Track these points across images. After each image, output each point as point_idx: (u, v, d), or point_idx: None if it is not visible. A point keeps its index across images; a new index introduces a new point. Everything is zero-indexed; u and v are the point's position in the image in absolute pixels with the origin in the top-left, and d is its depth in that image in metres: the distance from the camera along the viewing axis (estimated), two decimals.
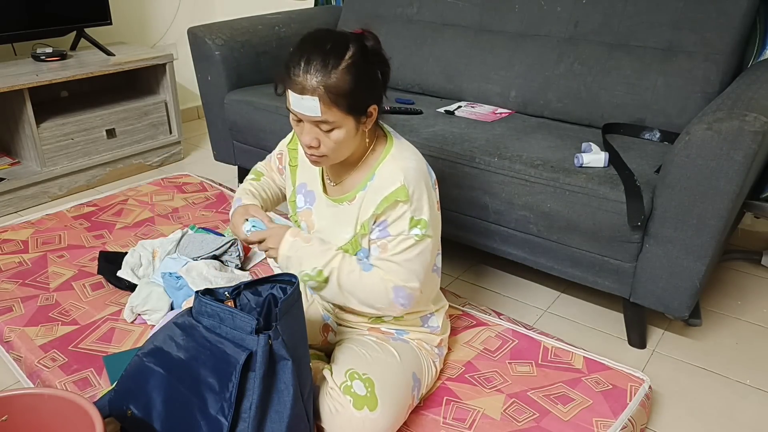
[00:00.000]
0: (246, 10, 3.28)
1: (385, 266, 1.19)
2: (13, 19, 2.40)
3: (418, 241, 1.18)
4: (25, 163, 2.47)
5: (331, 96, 1.07)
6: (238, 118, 2.24)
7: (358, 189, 1.22)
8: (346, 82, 1.08)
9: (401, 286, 1.19)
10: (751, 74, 1.62)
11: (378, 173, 1.19)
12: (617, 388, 1.39)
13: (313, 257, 1.19)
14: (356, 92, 1.09)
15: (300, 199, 1.34)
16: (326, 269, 1.19)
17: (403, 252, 1.18)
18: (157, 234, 2.05)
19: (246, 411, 1.05)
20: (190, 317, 1.15)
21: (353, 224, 1.23)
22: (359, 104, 1.11)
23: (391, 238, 1.18)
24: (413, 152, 1.23)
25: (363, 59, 1.10)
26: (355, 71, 1.09)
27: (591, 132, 1.87)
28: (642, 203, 1.43)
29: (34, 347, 1.50)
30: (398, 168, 1.17)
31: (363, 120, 1.14)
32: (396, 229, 1.17)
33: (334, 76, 1.07)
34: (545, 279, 1.94)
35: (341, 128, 1.11)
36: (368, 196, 1.19)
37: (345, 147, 1.15)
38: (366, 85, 1.11)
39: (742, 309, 1.81)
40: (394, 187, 1.16)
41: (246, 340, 1.07)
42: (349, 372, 1.20)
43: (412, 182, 1.16)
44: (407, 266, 1.19)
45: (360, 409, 1.15)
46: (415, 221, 1.17)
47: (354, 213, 1.22)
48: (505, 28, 2.13)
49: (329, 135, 1.12)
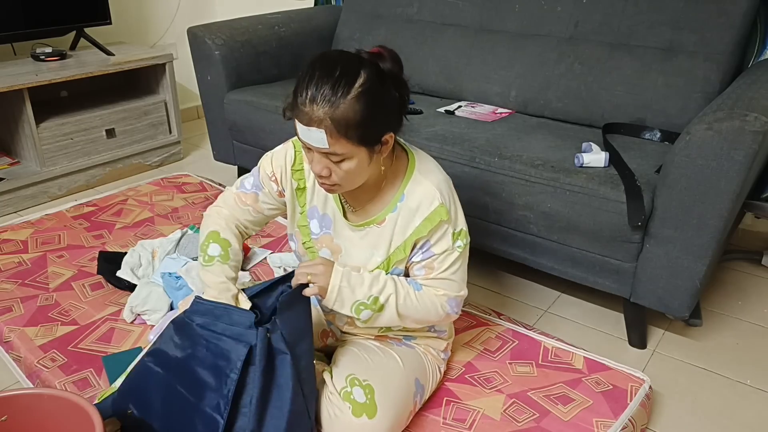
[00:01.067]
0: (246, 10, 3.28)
1: (436, 284, 1.19)
2: (12, 19, 2.40)
3: (462, 252, 1.19)
4: (24, 163, 2.47)
5: (340, 128, 0.99)
6: (238, 118, 2.24)
7: (387, 210, 1.17)
8: (357, 113, 0.99)
9: (454, 297, 1.20)
10: (752, 74, 1.62)
11: (408, 192, 1.15)
12: (617, 388, 1.39)
13: (365, 285, 1.13)
14: (368, 122, 1.01)
15: (314, 224, 1.25)
16: (382, 296, 1.14)
17: (451, 266, 1.18)
18: (156, 234, 2.05)
19: (246, 405, 1.05)
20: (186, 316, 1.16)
21: (385, 247, 1.18)
22: (372, 134, 1.04)
23: (436, 257, 1.17)
24: (434, 163, 1.20)
25: (376, 85, 1.01)
26: (366, 100, 1.00)
27: (591, 132, 1.87)
28: (642, 203, 1.43)
29: (33, 347, 1.50)
30: (431, 185, 1.14)
31: (377, 149, 1.07)
32: (441, 247, 1.16)
33: (343, 107, 0.98)
34: (545, 279, 1.94)
35: (352, 159, 1.04)
36: (402, 217, 1.16)
37: (358, 176, 1.08)
38: (380, 114, 1.03)
39: (742, 309, 1.81)
40: (434, 207, 1.13)
41: (245, 335, 1.07)
42: (350, 378, 1.19)
43: (447, 198, 1.15)
44: (456, 278, 1.19)
45: (359, 416, 1.14)
46: (456, 234, 1.17)
47: (386, 235, 1.17)
48: (505, 28, 2.13)
49: (340, 165, 1.05)
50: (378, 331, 1.31)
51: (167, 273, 1.63)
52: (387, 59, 1.06)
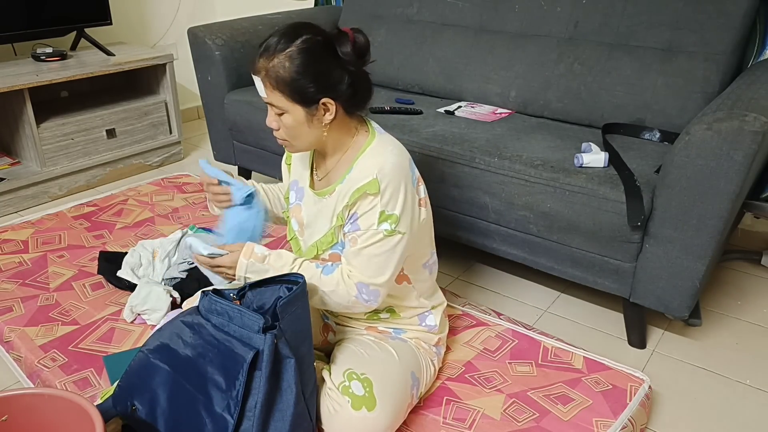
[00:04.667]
0: (246, 10, 3.28)
1: (354, 260, 1.18)
2: (13, 19, 2.40)
3: (387, 236, 1.16)
4: (25, 163, 2.47)
5: (271, 80, 1.11)
6: (238, 118, 2.24)
7: (337, 182, 1.22)
8: (287, 69, 1.09)
9: (365, 282, 1.18)
10: (751, 74, 1.62)
11: (356, 166, 1.20)
12: (617, 388, 1.39)
13: (269, 274, 1.20)
14: (298, 80, 1.10)
15: (292, 195, 1.36)
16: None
17: (371, 246, 1.17)
18: (157, 234, 2.06)
19: (251, 409, 1.05)
20: (199, 315, 1.16)
21: (330, 216, 1.24)
22: (303, 94, 1.11)
23: (360, 232, 1.17)
24: (396, 147, 1.21)
25: (316, 50, 1.11)
26: (300, 59, 1.09)
27: (591, 132, 1.87)
28: (642, 203, 1.43)
29: (34, 347, 1.50)
30: (374, 162, 1.17)
31: (314, 111, 1.14)
32: (365, 222, 1.17)
33: (276, 60, 1.10)
34: (545, 279, 1.94)
35: (289, 114, 1.14)
36: (344, 188, 1.20)
37: (300, 135, 1.17)
38: (312, 76, 1.11)
39: (742, 309, 1.81)
40: (367, 180, 1.15)
41: (253, 339, 1.08)
42: (347, 372, 1.20)
43: (387, 176, 1.15)
44: (374, 261, 1.17)
45: (358, 409, 1.15)
46: (385, 215, 1.15)
47: (332, 205, 1.23)
48: (505, 28, 2.13)
49: (281, 119, 1.16)
50: (365, 320, 1.33)
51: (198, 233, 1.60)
52: (345, 42, 1.13)
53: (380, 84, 2.39)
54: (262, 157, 2.27)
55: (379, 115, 2.01)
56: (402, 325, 1.34)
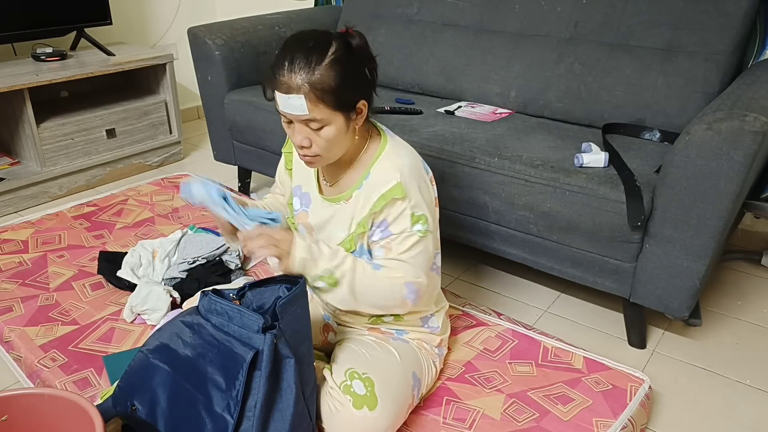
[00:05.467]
0: (246, 10, 3.28)
1: (394, 265, 1.19)
2: (13, 19, 2.40)
3: (422, 237, 1.18)
4: (25, 163, 2.47)
5: (317, 92, 1.07)
6: (238, 118, 2.24)
7: (353, 188, 1.21)
8: (331, 78, 1.08)
9: (411, 281, 1.19)
10: (751, 74, 1.62)
11: (373, 171, 1.19)
12: (617, 388, 1.39)
13: (325, 258, 1.16)
14: (342, 87, 1.09)
15: (296, 201, 1.34)
16: (337, 271, 1.16)
17: (410, 249, 1.18)
18: (157, 234, 2.05)
19: (251, 409, 1.05)
20: (199, 315, 1.16)
21: (348, 223, 1.23)
22: (347, 100, 1.11)
23: (394, 237, 1.18)
24: (408, 150, 1.23)
25: (347, 55, 1.11)
26: (339, 67, 1.08)
27: (591, 132, 1.87)
28: (642, 203, 1.43)
29: (34, 347, 1.50)
30: (394, 165, 1.17)
31: (353, 116, 1.14)
32: (398, 227, 1.17)
33: (318, 72, 1.07)
34: (545, 279, 1.94)
35: (331, 125, 1.11)
36: (364, 195, 1.19)
37: (337, 145, 1.15)
38: (352, 81, 1.11)
39: (742, 309, 1.81)
40: (391, 185, 1.15)
41: (253, 339, 1.08)
42: (349, 371, 1.20)
43: (408, 179, 1.16)
44: (414, 262, 1.19)
45: (359, 408, 1.15)
46: (416, 217, 1.17)
47: (350, 212, 1.22)
48: (505, 28, 2.13)
49: (320, 133, 1.12)
50: (368, 321, 1.33)
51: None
52: (355, 37, 1.14)
53: (380, 84, 2.38)
54: (262, 157, 2.27)
55: (379, 115, 2.01)
56: (404, 326, 1.34)
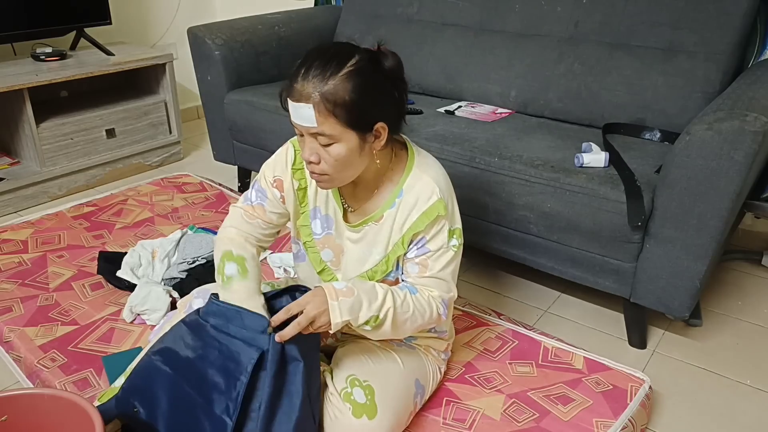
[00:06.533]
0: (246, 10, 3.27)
1: (431, 283, 1.17)
2: (12, 19, 2.40)
3: (456, 252, 1.18)
4: (24, 163, 2.47)
5: (328, 105, 0.99)
6: (238, 118, 2.24)
7: (384, 207, 1.16)
8: (345, 91, 0.99)
9: (445, 298, 1.19)
10: (752, 74, 1.62)
11: (407, 188, 1.14)
12: (617, 388, 1.39)
13: (364, 308, 1.08)
14: (357, 103, 1.00)
15: (316, 225, 1.24)
16: (381, 312, 1.09)
17: (446, 266, 1.17)
18: (156, 234, 2.05)
19: (255, 410, 1.05)
20: (198, 317, 1.16)
21: (384, 244, 1.17)
22: (362, 118, 1.02)
23: (431, 254, 1.16)
24: (433, 160, 1.19)
25: (368, 70, 1.02)
26: (357, 80, 1.00)
27: (591, 132, 1.87)
28: (642, 203, 1.43)
29: (33, 347, 1.50)
30: (430, 180, 1.13)
31: (369, 138, 1.05)
32: (436, 244, 1.15)
33: (332, 83, 0.99)
34: (545, 279, 1.94)
35: (341, 143, 1.03)
36: (401, 213, 1.14)
37: (348, 166, 1.06)
38: (371, 99, 1.02)
39: (742, 309, 1.81)
40: (432, 202, 1.12)
41: (257, 339, 1.07)
42: (350, 378, 1.18)
43: (445, 193, 1.14)
44: (448, 278, 1.19)
45: (359, 417, 1.14)
46: (452, 232, 1.16)
47: (385, 232, 1.16)
48: (505, 28, 2.12)
49: (329, 150, 1.03)
50: None
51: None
52: (388, 57, 1.06)
53: None
54: (262, 157, 2.25)
55: None
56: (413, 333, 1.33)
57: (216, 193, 2.37)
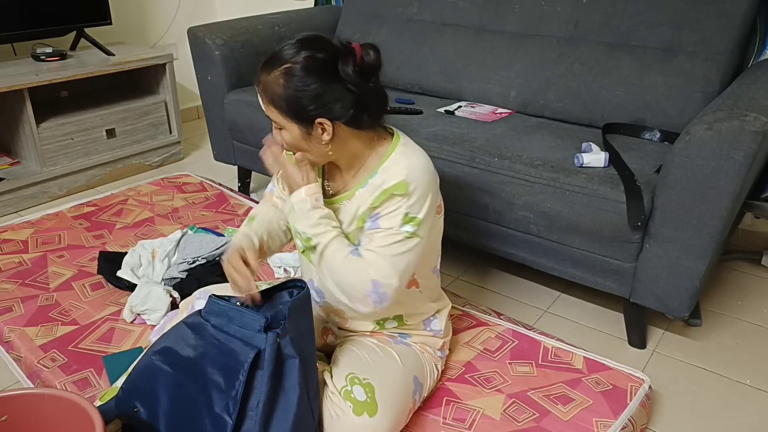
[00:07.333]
0: (246, 10, 3.28)
1: (370, 257, 1.14)
2: (13, 19, 2.40)
3: (408, 238, 1.14)
4: (25, 163, 2.47)
5: (266, 95, 1.10)
6: (238, 118, 2.24)
7: (358, 187, 1.19)
8: (280, 85, 1.08)
9: (379, 281, 1.14)
10: (751, 74, 1.62)
11: (381, 170, 1.17)
12: (617, 388, 1.39)
13: (309, 224, 1.16)
14: (293, 98, 1.08)
15: None
16: (315, 239, 1.16)
17: (390, 246, 1.14)
18: (156, 234, 2.05)
19: (253, 409, 1.05)
20: (200, 317, 1.16)
21: (350, 220, 1.21)
22: (298, 112, 1.09)
23: (380, 231, 1.15)
24: (421, 153, 1.20)
25: (315, 67, 1.07)
26: (297, 76, 1.07)
27: (591, 132, 1.87)
28: (642, 203, 1.43)
29: (33, 347, 1.50)
30: (403, 165, 1.15)
31: (311, 132, 1.11)
32: (388, 222, 1.14)
33: (272, 76, 1.09)
34: (545, 279, 1.94)
35: (286, 130, 1.12)
36: (369, 191, 1.17)
37: (302, 150, 1.14)
38: (309, 96, 1.07)
39: (742, 309, 1.81)
40: (395, 181, 1.13)
41: (255, 338, 1.07)
42: (350, 376, 1.19)
43: (416, 179, 1.13)
44: (391, 261, 1.14)
45: (360, 414, 1.14)
46: (409, 218, 1.14)
47: (352, 209, 1.20)
48: (505, 28, 2.13)
49: (281, 134, 1.14)
50: (372, 327, 1.32)
51: None
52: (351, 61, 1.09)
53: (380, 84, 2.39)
54: None
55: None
56: (407, 330, 1.34)
57: (216, 193, 2.37)
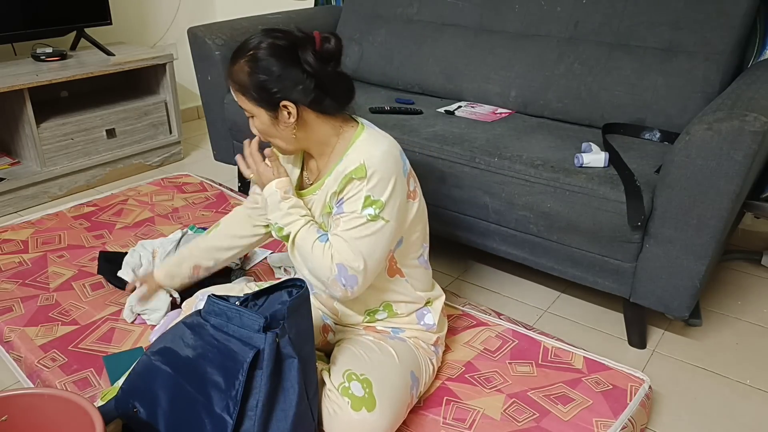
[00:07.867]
0: (246, 10, 3.28)
1: (335, 242, 1.19)
2: (13, 19, 2.40)
3: (370, 220, 1.16)
4: (25, 163, 2.47)
5: (235, 84, 1.18)
6: (238, 118, 2.24)
7: (326, 175, 1.25)
8: (245, 73, 1.16)
9: (344, 264, 1.17)
10: (751, 74, 1.62)
11: (345, 158, 1.21)
12: (617, 388, 1.39)
13: (280, 214, 1.24)
14: (257, 84, 1.15)
15: None
16: (286, 228, 1.24)
17: (353, 230, 1.17)
18: (157, 234, 2.05)
19: (252, 409, 1.05)
20: (199, 317, 1.16)
21: (321, 208, 1.26)
22: (263, 97, 1.16)
23: (344, 215, 1.19)
24: (386, 138, 1.23)
25: (275, 53, 1.15)
26: (259, 63, 1.15)
27: (591, 132, 1.87)
28: (642, 203, 1.43)
29: (34, 347, 1.50)
30: (363, 151, 1.19)
31: (278, 115, 1.18)
32: (350, 206, 1.18)
33: (238, 65, 1.17)
34: (545, 279, 1.94)
35: (256, 117, 1.20)
36: (333, 179, 1.22)
37: (273, 137, 1.22)
38: (271, 80, 1.15)
39: (742, 309, 1.81)
40: (354, 166, 1.17)
41: (253, 338, 1.08)
42: (347, 373, 1.20)
43: (375, 163, 1.16)
44: (353, 245, 1.17)
45: (358, 410, 1.15)
46: (370, 201, 1.16)
47: (323, 197, 1.26)
48: (505, 28, 2.13)
49: (253, 122, 1.22)
50: (364, 320, 1.34)
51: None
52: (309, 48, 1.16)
53: (380, 84, 2.39)
54: None
55: (379, 115, 2.01)
56: (400, 324, 1.34)
57: (216, 193, 2.37)
